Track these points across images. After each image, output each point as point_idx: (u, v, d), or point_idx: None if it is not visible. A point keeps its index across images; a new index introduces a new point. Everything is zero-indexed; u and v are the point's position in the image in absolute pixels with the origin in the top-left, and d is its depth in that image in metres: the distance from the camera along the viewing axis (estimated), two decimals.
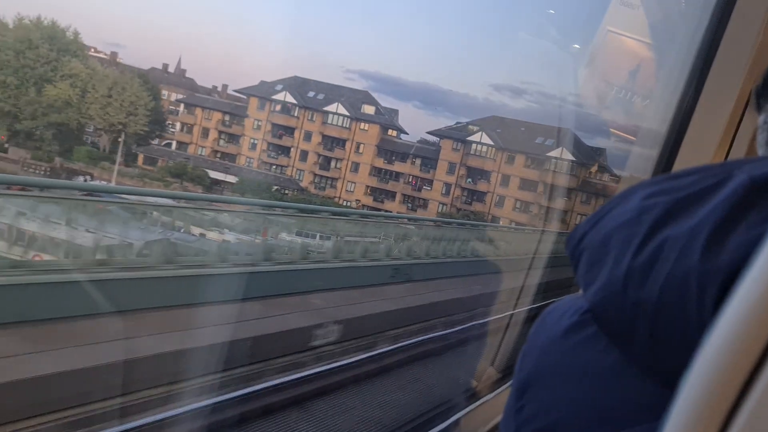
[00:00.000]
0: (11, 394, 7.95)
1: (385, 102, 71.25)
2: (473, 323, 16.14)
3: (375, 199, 51.39)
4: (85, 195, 13.12)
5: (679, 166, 4.13)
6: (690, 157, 4.13)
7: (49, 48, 46.81)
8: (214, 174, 49.76)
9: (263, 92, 52.09)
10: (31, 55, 45.77)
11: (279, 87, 51.59)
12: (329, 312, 15.27)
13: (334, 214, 19.31)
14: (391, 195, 51.47)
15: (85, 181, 38.93)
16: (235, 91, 54.28)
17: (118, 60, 54.05)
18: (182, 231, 13.62)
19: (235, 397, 9.80)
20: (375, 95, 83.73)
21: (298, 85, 52.40)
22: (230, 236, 15.24)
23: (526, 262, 9.31)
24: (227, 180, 49.84)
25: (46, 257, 11.71)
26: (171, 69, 57.38)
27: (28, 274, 10.70)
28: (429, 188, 51.86)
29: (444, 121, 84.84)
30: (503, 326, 8.44)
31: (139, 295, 12.10)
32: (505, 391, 4.37)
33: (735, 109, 4.09)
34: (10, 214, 11.19)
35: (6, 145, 46.23)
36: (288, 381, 10.96)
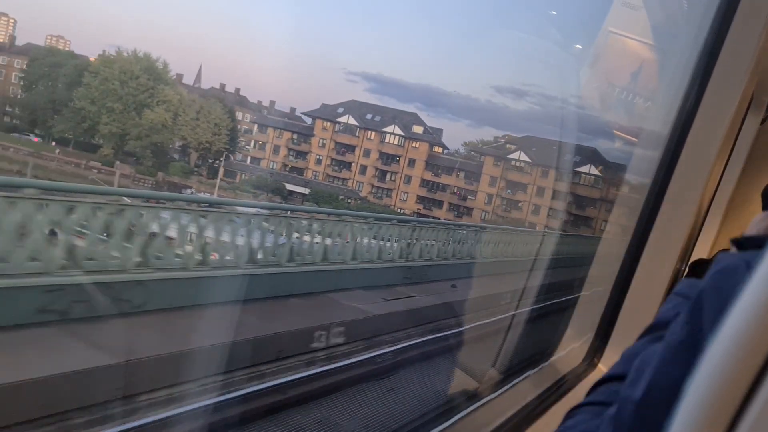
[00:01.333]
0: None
1: (387, 103, 67.74)
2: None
3: (425, 207, 52.28)
4: (206, 206, 13.83)
5: (681, 167, 3.68)
6: (692, 158, 3.67)
7: (147, 78, 47.73)
8: (289, 186, 51.08)
9: (327, 114, 53.96)
10: (133, 85, 46.83)
11: (341, 110, 53.39)
12: (448, 295, 16.34)
13: (399, 221, 19.31)
14: (439, 203, 52.29)
15: (191, 193, 39.27)
16: (303, 113, 55.68)
17: (182, 81, 54.24)
18: (286, 236, 14.02)
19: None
20: (376, 97, 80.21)
21: (356, 107, 53.82)
22: (322, 239, 15.09)
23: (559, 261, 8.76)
24: (300, 191, 51.09)
25: (217, 256, 12.64)
26: (223, 88, 56.89)
27: (218, 268, 12.31)
28: (473, 198, 52.08)
29: (445, 122, 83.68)
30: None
31: (288, 284, 13.65)
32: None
33: (737, 111, 3.62)
34: (180, 224, 11.90)
35: (115, 161, 46.90)
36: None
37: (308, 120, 54.94)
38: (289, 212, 16.33)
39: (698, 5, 3.76)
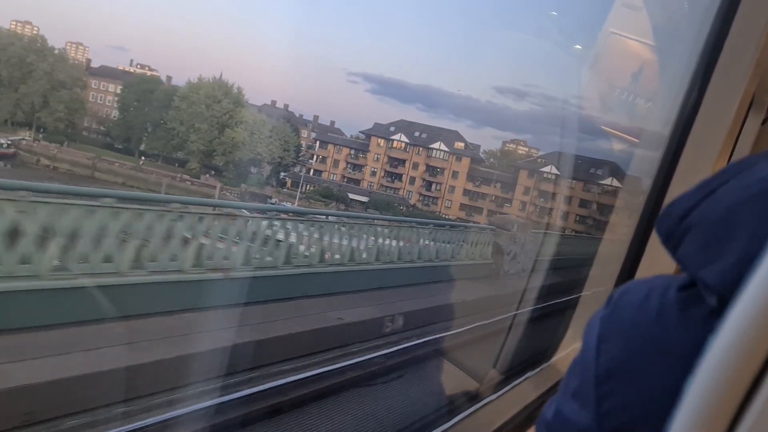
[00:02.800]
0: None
1: (388, 104, 63.96)
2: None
3: (466, 214, 52.19)
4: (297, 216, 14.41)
5: (682, 168, 3.26)
6: (693, 159, 3.22)
7: (228, 101, 48.59)
8: (351, 195, 51.89)
9: (381, 132, 54.90)
10: (216, 107, 47.90)
11: (392, 128, 53.92)
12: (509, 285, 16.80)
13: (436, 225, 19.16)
14: (479, 210, 52.07)
15: (274, 203, 39.61)
16: (360, 132, 55.89)
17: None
18: (362, 239, 14.38)
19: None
20: (378, 98, 73.55)
21: (406, 126, 54.32)
22: (389, 242, 15.30)
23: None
24: (361, 199, 51.84)
25: (329, 256, 13.28)
26: (272, 103, 56.19)
27: (335, 265, 13.23)
28: (509, 205, 51.81)
29: (446, 123, 72.58)
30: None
31: (379, 279, 14.00)
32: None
33: (738, 111, 3.16)
34: (289, 230, 12.42)
35: (200, 174, 47.62)
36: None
37: (362, 136, 55.13)
38: (362, 219, 16.88)
39: (699, 5, 3.26)
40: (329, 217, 16.82)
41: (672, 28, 3.57)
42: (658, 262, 3.36)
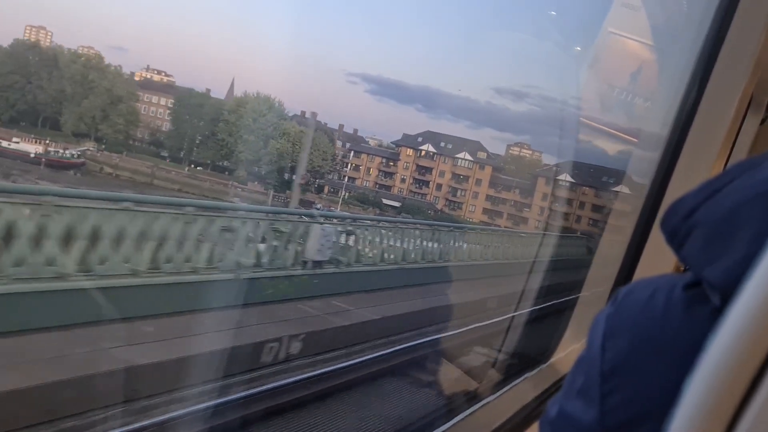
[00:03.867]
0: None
1: (387, 105, 60.09)
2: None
3: (489, 217, 52.03)
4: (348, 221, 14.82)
5: (681, 168, 2.97)
6: (692, 159, 2.93)
7: (272, 115, 49.19)
8: (385, 200, 52.31)
9: (410, 143, 55.04)
10: (262, 121, 48.44)
11: (420, 139, 53.88)
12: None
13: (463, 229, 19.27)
14: (500, 214, 51.85)
15: (320, 209, 39.81)
16: (392, 143, 55.88)
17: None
18: (408, 241, 14.55)
19: None
20: (376, 98, 67.44)
21: (432, 137, 54.51)
22: (433, 244, 15.34)
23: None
24: (394, 204, 52.23)
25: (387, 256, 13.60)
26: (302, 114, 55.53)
27: (394, 263, 13.49)
28: (528, 210, 51.56)
29: (445, 123, 69.45)
30: None
31: (442, 275, 14.04)
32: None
33: (737, 112, 2.87)
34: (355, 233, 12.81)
35: (247, 182, 48.10)
36: None
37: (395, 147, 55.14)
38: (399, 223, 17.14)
39: (698, 5, 2.95)
40: (379, 222, 17.05)
41: (671, 27, 3.26)
42: (656, 261, 3.07)
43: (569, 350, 3.34)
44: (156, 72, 33.36)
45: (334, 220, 13.57)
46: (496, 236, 19.83)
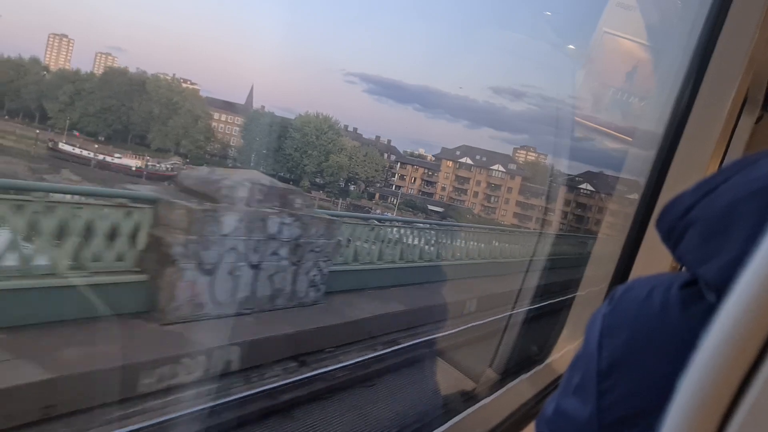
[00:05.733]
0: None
1: (385, 104, 55.00)
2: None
3: (519, 221, 51.85)
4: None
5: (676, 166, 2.58)
6: (687, 157, 2.52)
7: (332, 132, 50.34)
8: (430, 206, 52.85)
9: (449, 156, 55.33)
10: (324, 138, 49.56)
11: (458, 153, 54.13)
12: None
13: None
14: (529, 218, 51.69)
15: (379, 214, 40.01)
16: (434, 155, 55.92)
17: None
18: (455, 241, 14.29)
19: None
20: (375, 98, 57.62)
21: (468, 150, 54.67)
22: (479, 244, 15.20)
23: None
24: (438, 210, 52.70)
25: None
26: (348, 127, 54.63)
27: (458, 260, 13.54)
28: (553, 214, 50.49)
29: (445, 123, 60.47)
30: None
31: (481, 271, 13.81)
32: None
33: (732, 110, 2.47)
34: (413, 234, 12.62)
35: (311, 191, 48.96)
36: None
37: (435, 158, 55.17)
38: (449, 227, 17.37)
39: (692, 4, 2.52)
40: (433, 225, 16.65)
41: (665, 26, 2.83)
42: (652, 260, 2.64)
43: (565, 350, 2.93)
44: (183, 80, 33.23)
45: (398, 224, 13.60)
46: (524, 236, 19.42)
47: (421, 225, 14.69)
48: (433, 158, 53.36)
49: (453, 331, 9.02)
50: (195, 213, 6.66)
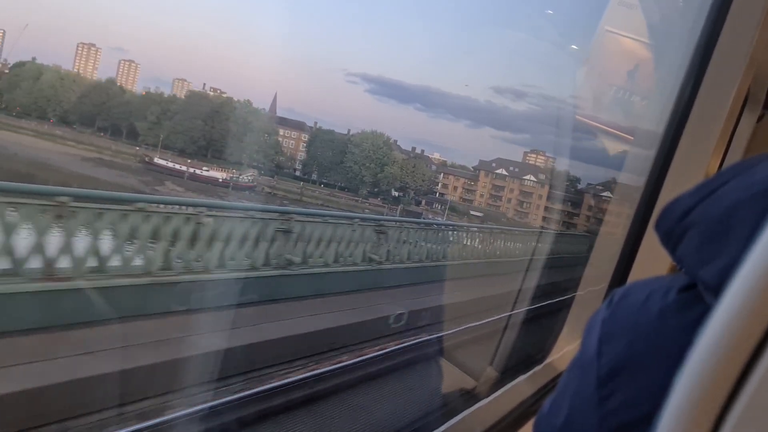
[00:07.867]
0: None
1: (386, 105, 50.14)
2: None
3: (547, 223, 50.64)
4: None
5: (676, 165, 2.21)
6: (688, 156, 2.14)
7: (386, 148, 51.04)
8: (472, 211, 52.66)
9: (486, 167, 54.80)
10: (379, 152, 50.29)
11: (494, 164, 53.60)
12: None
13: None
14: (556, 221, 50.12)
15: (431, 218, 39.66)
16: (472, 167, 55.18)
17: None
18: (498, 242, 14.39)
19: None
20: (376, 98, 51.85)
21: (503, 162, 53.98)
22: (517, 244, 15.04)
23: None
24: (477, 214, 52.33)
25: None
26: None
27: (503, 257, 13.34)
28: (578, 218, 49.40)
29: (445, 123, 53.77)
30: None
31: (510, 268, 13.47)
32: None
33: (733, 109, 2.09)
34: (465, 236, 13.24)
35: (367, 198, 49.42)
36: None
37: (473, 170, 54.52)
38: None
39: (693, 1, 2.12)
40: (472, 228, 16.89)
41: (666, 25, 2.43)
42: (652, 261, 2.25)
43: (565, 350, 2.55)
44: (212, 89, 32.27)
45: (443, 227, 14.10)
46: (551, 237, 18.93)
47: (475, 229, 15.20)
48: (472, 169, 53.04)
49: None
50: None
